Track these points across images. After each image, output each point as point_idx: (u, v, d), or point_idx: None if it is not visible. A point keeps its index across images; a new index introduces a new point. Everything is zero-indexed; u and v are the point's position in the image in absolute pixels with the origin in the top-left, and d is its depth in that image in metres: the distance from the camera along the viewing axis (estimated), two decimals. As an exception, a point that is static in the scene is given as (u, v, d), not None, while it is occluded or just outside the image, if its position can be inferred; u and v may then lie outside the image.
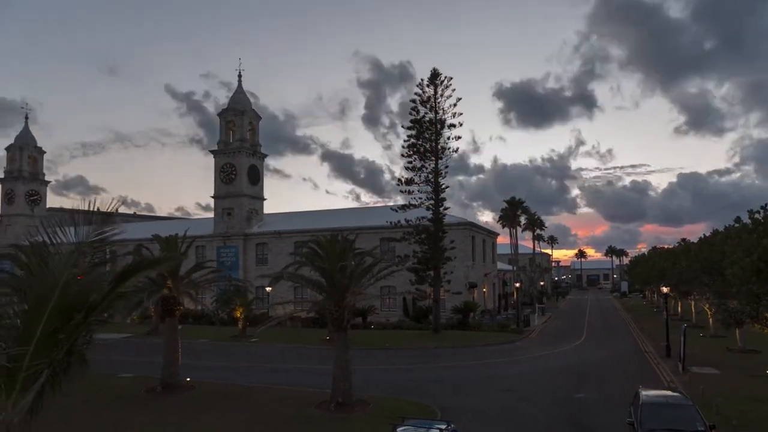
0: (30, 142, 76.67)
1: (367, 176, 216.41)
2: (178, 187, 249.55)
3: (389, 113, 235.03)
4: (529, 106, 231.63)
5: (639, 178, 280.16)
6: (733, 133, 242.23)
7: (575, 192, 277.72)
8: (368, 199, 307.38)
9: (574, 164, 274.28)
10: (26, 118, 77.36)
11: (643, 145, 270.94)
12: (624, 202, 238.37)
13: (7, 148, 75.88)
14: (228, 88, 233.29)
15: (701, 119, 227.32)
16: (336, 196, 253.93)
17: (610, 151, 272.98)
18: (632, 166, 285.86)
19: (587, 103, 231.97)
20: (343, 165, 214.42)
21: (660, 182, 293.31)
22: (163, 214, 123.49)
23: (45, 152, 78.67)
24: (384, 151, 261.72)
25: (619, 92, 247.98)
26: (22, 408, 6.68)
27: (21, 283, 8.61)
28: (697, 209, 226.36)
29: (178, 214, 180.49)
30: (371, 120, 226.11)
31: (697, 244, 43.69)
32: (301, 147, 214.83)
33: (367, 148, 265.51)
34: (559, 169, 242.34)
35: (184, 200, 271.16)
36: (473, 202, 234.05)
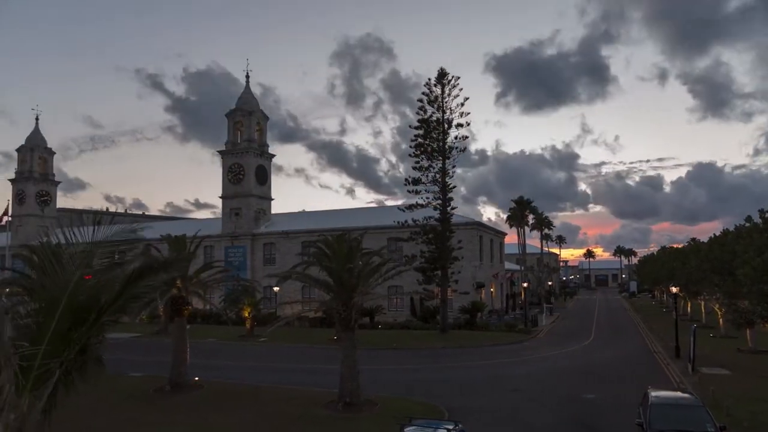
0: (40, 143, 77.33)
1: (360, 166, 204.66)
2: (164, 181, 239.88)
3: (373, 94, 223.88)
4: (528, 82, 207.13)
5: (652, 172, 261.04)
6: (762, 116, 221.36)
7: (582, 187, 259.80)
8: (363, 193, 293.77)
9: (581, 154, 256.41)
10: (36, 119, 78.13)
11: (656, 130, 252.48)
12: (635, 198, 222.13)
13: (18, 149, 76.61)
14: (183, 59, 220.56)
15: (724, 99, 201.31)
16: (330, 189, 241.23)
17: (617, 138, 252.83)
18: (656, 160, 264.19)
19: (595, 77, 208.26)
20: (333, 154, 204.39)
21: (674, 176, 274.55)
22: (155, 211, 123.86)
23: (55, 153, 79.42)
24: (374, 139, 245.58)
25: (630, 65, 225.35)
26: (34, 407, 6.75)
27: (33, 283, 8.72)
28: (715, 205, 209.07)
29: (168, 210, 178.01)
30: (355, 102, 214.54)
31: (708, 243, 43.38)
32: (287, 134, 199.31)
33: (356, 135, 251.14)
34: (565, 159, 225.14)
35: (171, 196, 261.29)
36: (474, 197, 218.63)
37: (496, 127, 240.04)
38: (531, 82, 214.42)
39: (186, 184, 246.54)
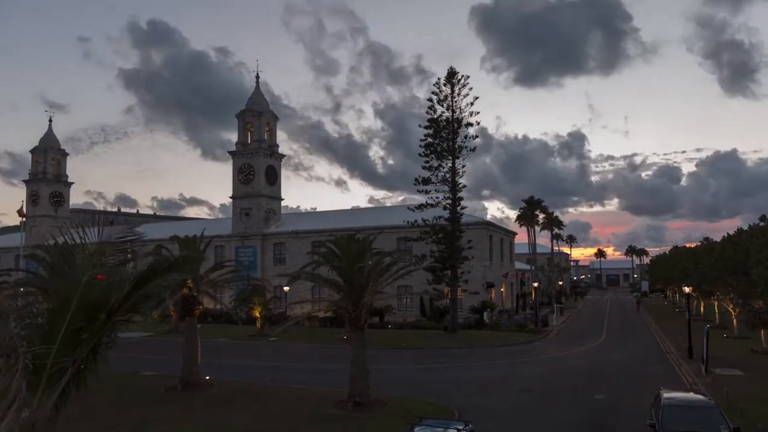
0: (54, 144, 78.25)
1: (347, 153, 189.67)
2: (142, 174, 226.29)
3: (348, 66, 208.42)
4: (525, 46, 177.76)
5: (672, 160, 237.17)
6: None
7: (592, 179, 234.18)
8: (357, 185, 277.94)
9: (590, 139, 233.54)
10: (50, 121, 79.13)
11: (675, 110, 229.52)
12: (650, 193, 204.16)
13: (32, 151, 77.60)
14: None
15: (753, 69, 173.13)
16: (323, 181, 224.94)
17: (628, 118, 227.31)
18: (690, 152, 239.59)
19: (609, 32, 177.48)
20: (317, 139, 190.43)
21: (692, 167, 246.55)
22: (143, 207, 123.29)
23: (68, 154, 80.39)
24: (358, 120, 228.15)
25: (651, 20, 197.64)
26: (47, 405, 6.83)
27: (45, 282, 8.82)
28: (739, 199, 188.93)
29: (155, 205, 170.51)
30: (328, 77, 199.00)
31: (721, 242, 42.90)
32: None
33: (339, 117, 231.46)
34: (571, 146, 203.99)
35: (154, 190, 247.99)
36: (475, 188, 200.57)
37: (491, 106, 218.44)
38: (528, 48, 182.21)
39: (167, 176, 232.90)
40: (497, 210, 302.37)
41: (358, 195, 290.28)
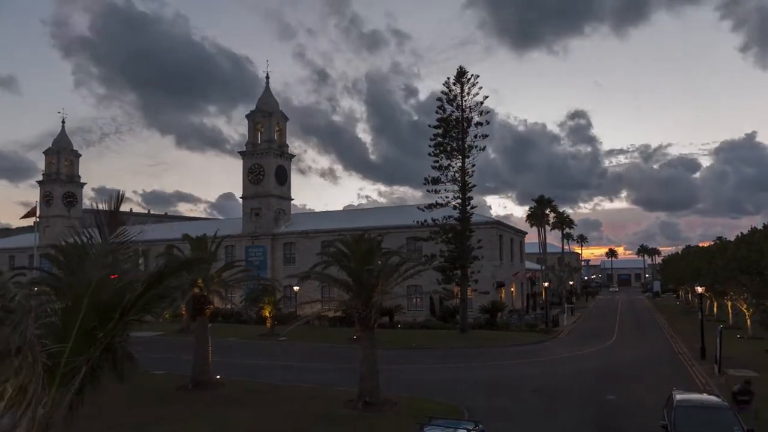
0: (67, 145, 79.19)
1: (334, 139, 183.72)
2: (121, 167, 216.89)
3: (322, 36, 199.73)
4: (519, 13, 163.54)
5: (685, 151, 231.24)
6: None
7: (602, 168, 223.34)
8: (348, 178, 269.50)
9: (594, 121, 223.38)
10: (63, 122, 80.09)
11: (694, 88, 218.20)
12: (664, 187, 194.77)
13: (45, 152, 78.65)
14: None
15: None
16: (313, 170, 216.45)
17: (635, 95, 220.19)
18: (681, 148, 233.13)
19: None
20: (300, 122, 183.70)
21: (710, 160, 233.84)
22: (136, 205, 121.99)
23: (81, 155, 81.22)
24: (340, 101, 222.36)
25: None
26: (61, 404, 6.92)
27: (59, 282, 8.93)
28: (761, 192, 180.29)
29: (140, 200, 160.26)
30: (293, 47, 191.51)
31: (735, 242, 42.48)
32: (241, 91, 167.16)
33: (320, 100, 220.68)
34: (575, 130, 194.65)
35: (137, 184, 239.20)
36: (475, 181, 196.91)
37: (486, 80, 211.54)
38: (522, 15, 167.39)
39: (146, 169, 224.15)
40: (499, 207, 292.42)
41: (350, 189, 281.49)
